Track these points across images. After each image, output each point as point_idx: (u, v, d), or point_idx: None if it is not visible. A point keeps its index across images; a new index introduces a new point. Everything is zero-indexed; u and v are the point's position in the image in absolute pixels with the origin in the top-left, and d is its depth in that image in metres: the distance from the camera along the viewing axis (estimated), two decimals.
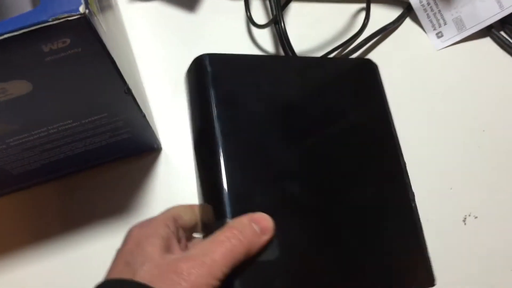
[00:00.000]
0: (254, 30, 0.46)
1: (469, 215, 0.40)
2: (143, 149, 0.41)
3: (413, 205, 0.34)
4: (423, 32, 0.46)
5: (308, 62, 0.38)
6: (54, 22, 0.23)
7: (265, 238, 0.28)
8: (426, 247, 0.33)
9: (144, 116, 0.35)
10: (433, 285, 0.32)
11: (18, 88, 0.27)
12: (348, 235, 0.31)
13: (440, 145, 0.42)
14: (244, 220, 0.27)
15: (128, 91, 0.31)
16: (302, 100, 0.35)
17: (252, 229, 0.27)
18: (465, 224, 0.39)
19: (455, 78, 0.44)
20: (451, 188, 0.41)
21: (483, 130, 0.43)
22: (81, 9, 0.23)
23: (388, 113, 0.36)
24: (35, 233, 0.39)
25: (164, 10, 0.47)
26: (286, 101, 0.35)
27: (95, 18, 0.26)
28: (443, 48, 0.45)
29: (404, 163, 0.35)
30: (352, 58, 0.44)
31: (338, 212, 0.32)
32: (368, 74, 0.37)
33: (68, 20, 0.23)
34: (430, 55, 0.45)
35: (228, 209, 0.29)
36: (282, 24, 0.42)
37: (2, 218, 0.39)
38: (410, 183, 0.34)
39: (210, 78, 0.33)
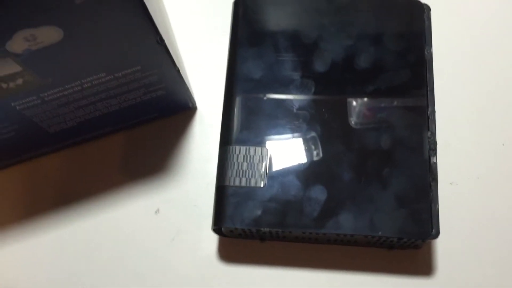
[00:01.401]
0: None
1: None
2: (178, 108, 0.40)
3: (430, 155, 0.33)
4: None
5: (345, 2, 0.37)
6: None
7: None
8: (433, 198, 0.32)
9: (178, 70, 0.34)
10: (435, 237, 0.32)
11: (49, 35, 0.26)
12: (352, 169, 0.33)
13: (490, 95, 0.39)
14: None
15: (161, 41, 0.30)
16: (332, 39, 0.36)
17: None
18: None
19: (510, 23, 0.41)
20: (503, 144, 0.38)
21: None
22: None
23: (424, 60, 0.35)
24: (71, 194, 0.39)
25: None
26: (316, 40, 0.36)
27: None
28: None
29: (433, 111, 0.34)
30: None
31: (351, 146, 0.34)
32: (416, 16, 0.36)
33: None
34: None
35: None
36: None
37: (37, 178, 0.39)
38: (434, 132, 0.33)
39: (240, 17, 0.37)
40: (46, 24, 0.25)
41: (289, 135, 0.34)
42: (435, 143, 0.33)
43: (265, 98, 0.35)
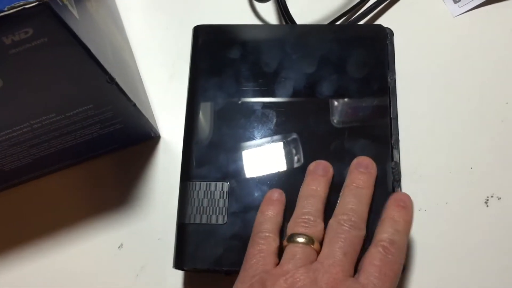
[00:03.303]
0: (256, 3, 0.43)
1: (492, 196, 0.37)
2: (139, 138, 0.39)
3: (394, 186, 0.32)
4: None
5: (305, 30, 0.36)
6: (10, 11, 0.21)
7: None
8: None
9: (134, 105, 0.33)
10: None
11: None
12: None
13: (458, 120, 0.39)
14: None
15: (111, 80, 0.29)
16: (293, 67, 0.36)
17: None
18: (487, 206, 0.36)
19: (474, 47, 0.41)
20: (471, 168, 0.37)
21: (506, 103, 0.39)
22: None
23: (387, 87, 0.34)
24: (31, 229, 0.38)
25: None
26: (277, 69, 0.35)
27: (61, 4, 0.23)
28: (460, 14, 0.41)
29: (396, 140, 0.33)
30: (358, 24, 0.41)
31: None
32: (378, 41, 0.35)
33: (25, 8, 0.21)
34: (446, 23, 0.41)
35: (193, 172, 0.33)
36: None
37: None
38: (398, 163, 0.33)
39: (197, 48, 0.35)
40: None
41: (251, 169, 0.33)
42: (399, 174, 0.32)
43: (225, 130, 0.34)
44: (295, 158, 0.33)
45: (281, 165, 0.33)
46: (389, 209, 0.30)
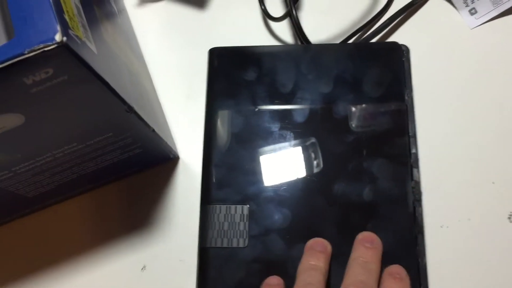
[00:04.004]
0: (271, 22, 0.43)
1: None
2: (159, 161, 0.39)
3: (414, 206, 0.32)
4: (454, 9, 0.42)
5: (321, 49, 0.36)
6: (31, 54, 0.21)
7: None
8: (420, 253, 0.31)
9: (153, 130, 0.34)
10: None
11: (10, 121, 0.25)
12: (338, 231, 0.32)
13: (477, 134, 0.38)
14: None
15: (130, 110, 0.30)
16: (309, 88, 0.36)
17: None
18: (510, 221, 0.36)
19: (493, 58, 0.40)
20: (493, 182, 0.37)
21: None
22: (57, 37, 0.21)
23: (405, 106, 0.34)
24: (55, 251, 0.38)
25: (174, 9, 0.45)
26: (293, 89, 0.36)
27: (79, 41, 0.24)
28: (477, 26, 0.41)
29: (416, 159, 0.33)
30: (373, 42, 0.40)
31: (334, 201, 0.33)
32: (394, 59, 0.35)
33: (44, 50, 0.21)
34: (463, 35, 0.41)
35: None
36: (294, 13, 0.38)
37: (21, 239, 0.39)
38: (418, 182, 0.32)
39: (213, 71, 0.36)
40: (5, 112, 0.24)
41: (271, 191, 0.33)
42: (419, 193, 0.32)
43: (243, 152, 0.34)
44: (314, 178, 0.33)
45: (300, 187, 0.33)
46: (386, 281, 0.30)
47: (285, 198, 0.33)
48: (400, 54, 0.35)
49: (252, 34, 0.43)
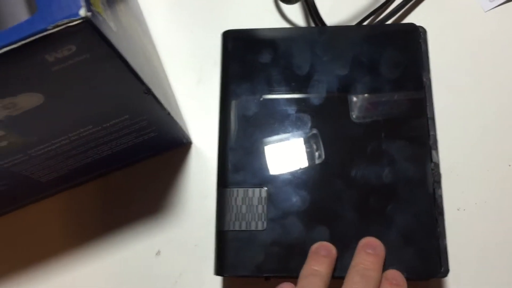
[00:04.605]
0: (282, 4, 0.43)
1: None
2: (172, 145, 0.39)
3: (434, 188, 0.31)
4: None
5: (337, 31, 0.36)
6: (54, 30, 0.21)
7: None
8: (441, 234, 0.31)
9: (168, 113, 0.33)
10: (445, 275, 0.30)
11: (29, 101, 0.25)
12: (356, 210, 0.32)
13: (494, 116, 0.38)
14: None
15: (148, 91, 0.29)
16: (328, 69, 0.35)
17: None
18: None
19: (508, 41, 0.40)
20: (509, 165, 0.37)
21: None
22: (82, 12, 0.21)
23: (423, 87, 0.34)
24: (70, 237, 0.38)
25: None
26: (309, 72, 0.35)
27: (101, 18, 0.23)
28: (492, 9, 0.41)
29: (435, 141, 0.33)
30: (390, 24, 0.40)
31: (353, 184, 0.32)
32: (411, 40, 0.34)
33: (69, 26, 0.21)
34: (478, 18, 0.41)
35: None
36: None
37: (34, 223, 0.38)
38: (437, 164, 0.32)
39: (228, 54, 0.35)
40: (24, 92, 0.24)
41: (288, 174, 0.33)
42: (439, 175, 0.32)
43: (260, 134, 0.34)
44: (332, 160, 0.33)
45: (318, 169, 0.33)
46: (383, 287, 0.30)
47: (303, 180, 0.32)
48: (417, 35, 0.34)
49: (262, 16, 0.43)
